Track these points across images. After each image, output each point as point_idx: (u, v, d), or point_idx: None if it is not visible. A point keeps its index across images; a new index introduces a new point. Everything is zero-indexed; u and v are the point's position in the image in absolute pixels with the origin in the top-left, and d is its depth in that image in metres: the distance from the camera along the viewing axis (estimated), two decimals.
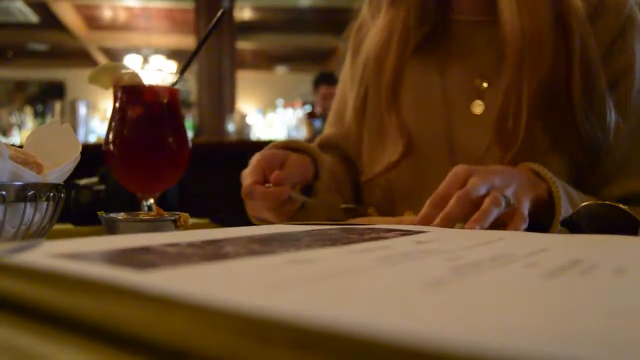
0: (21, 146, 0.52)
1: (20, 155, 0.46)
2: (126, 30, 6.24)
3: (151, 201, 0.64)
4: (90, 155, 0.62)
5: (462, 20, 0.74)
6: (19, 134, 4.84)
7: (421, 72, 0.74)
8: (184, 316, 0.14)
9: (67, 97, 7.05)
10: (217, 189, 1.44)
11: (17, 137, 4.77)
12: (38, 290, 0.17)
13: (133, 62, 5.96)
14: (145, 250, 0.23)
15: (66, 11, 5.56)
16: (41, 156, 0.49)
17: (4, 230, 0.43)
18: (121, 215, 0.49)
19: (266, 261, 0.21)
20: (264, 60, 7.36)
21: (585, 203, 0.43)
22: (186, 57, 0.65)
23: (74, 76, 7.30)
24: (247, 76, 7.13)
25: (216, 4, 4.15)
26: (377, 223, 0.51)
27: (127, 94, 0.63)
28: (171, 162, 0.64)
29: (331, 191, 0.72)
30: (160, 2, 5.38)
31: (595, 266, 0.22)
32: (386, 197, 0.74)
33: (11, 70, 7.51)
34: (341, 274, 0.19)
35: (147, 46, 6.53)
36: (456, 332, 0.12)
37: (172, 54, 6.51)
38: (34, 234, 0.46)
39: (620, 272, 0.21)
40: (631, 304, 0.16)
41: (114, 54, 6.90)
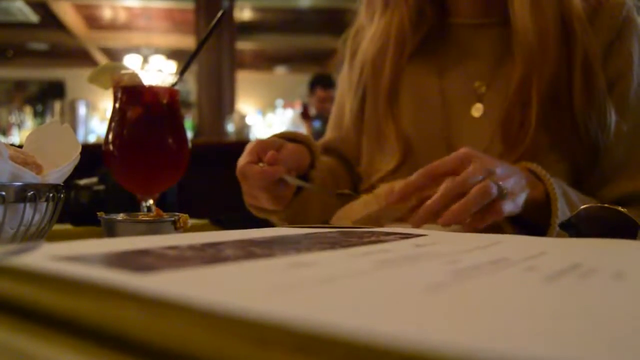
0: (21, 146, 0.52)
1: (19, 155, 0.46)
2: (126, 30, 6.24)
3: (151, 202, 0.64)
4: (89, 155, 0.61)
5: (461, 23, 0.74)
6: (19, 134, 4.84)
7: (420, 76, 0.74)
8: (183, 319, 0.14)
9: (67, 97, 7.05)
10: (217, 190, 1.44)
11: (17, 137, 4.77)
12: (37, 292, 0.17)
13: (133, 62, 5.96)
14: (144, 252, 0.23)
15: (66, 11, 5.56)
16: (41, 156, 0.49)
17: (4, 230, 0.43)
18: (121, 216, 0.49)
19: (266, 264, 0.21)
20: (264, 60, 7.36)
21: (584, 206, 0.43)
22: (186, 58, 0.65)
23: (74, 76, 7.29)
24: (247, 77, 7.12)
25: (216, 4, 4.15)
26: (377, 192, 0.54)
27: (127, 94, 0.63)
28: (171, 163, 0.64)
29: (327, 182, 0.72)
30: (160, 2, 5.38)
31: (594, 270, 0.22)
32: None
33: (11, 69, 7.50)
34: (341, 278, 0.19)
35: (147, 46, 6.53)
36: (456, 337, 0.12)
37: (172, 54, 6.51)
38: (34, 235, 0.46)
39: (619, 276, 0.21)
40: (630, 308, 0.16)
41: (114, 54, 6.89)
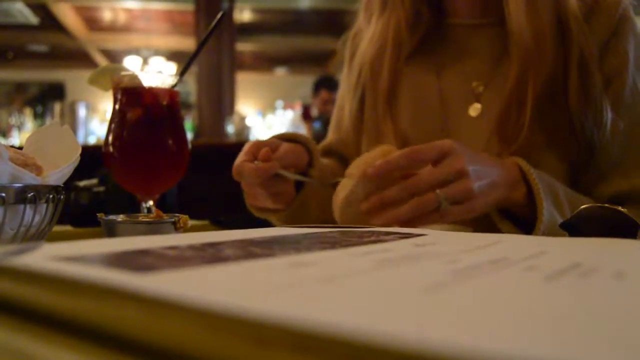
0: (21, 147, 0.52)
1: (20, 157, 0.46)
2: (126, 31, 6.24)
3: (150, 203, 0.64)
4: (89, 156, 0.61)
5: (458, 23, 0.74)
6: (19, 135, 4.84)
7: (418, 76, 0.74)
8: (184, 319, 0.14)
9: (67, 99, 7.05)
10: (217, 191, 1.44)
11: (17, 139, 4.77)
12: (37, 292, 0.17)
13: (133, 64, 5.97)
14: (144, 253, 0.23)
15: (66, 12, 5.56)
16: (41, 158, 0.49)
17: (4, 232, 0.43)
18: (121, 217, 0.49)
19: (266, 264, 0.21)
20: (264, 62, 7.36)
21: (584, 205, 0.43)
22: (186, 59, 0.65)
23: (74, 78, 7.30)
24: (247, 78, 7.13)
25: (216, 6, 4.15)
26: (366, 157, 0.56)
27: (127, 96, 0.63)
28: (171, 164, 0.64)
29: (327, 181, 0.72)
30: (160, 4, 5.38)
31: (594, 269, 0.22)
32: None
33: (11, 71, 7.50)
34: (341, 277, 0.19)
35: (147, 48, 6.53)
36: (456, 336, 0.12)
37: (172, 56, 6.51)
38: (34, 236, 0.46)
39: (619, 276, 0.21)
40: (631, 308, 0.16)
41: (114, 56, 6.90)
